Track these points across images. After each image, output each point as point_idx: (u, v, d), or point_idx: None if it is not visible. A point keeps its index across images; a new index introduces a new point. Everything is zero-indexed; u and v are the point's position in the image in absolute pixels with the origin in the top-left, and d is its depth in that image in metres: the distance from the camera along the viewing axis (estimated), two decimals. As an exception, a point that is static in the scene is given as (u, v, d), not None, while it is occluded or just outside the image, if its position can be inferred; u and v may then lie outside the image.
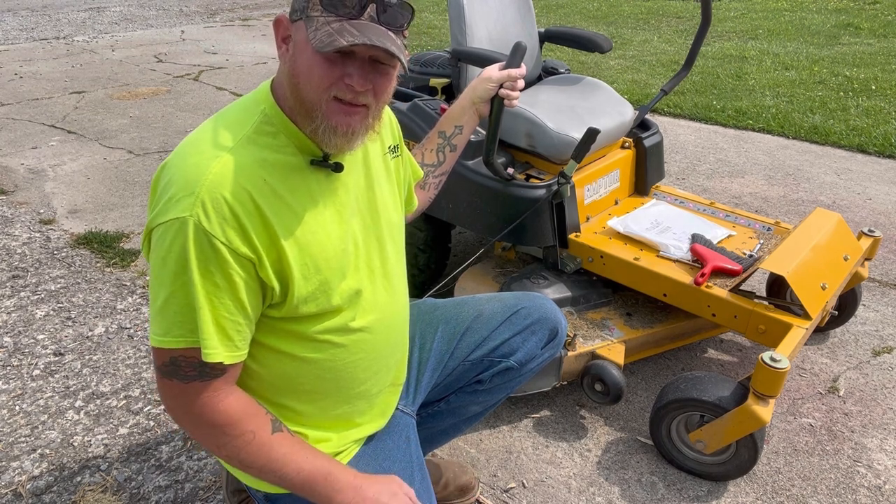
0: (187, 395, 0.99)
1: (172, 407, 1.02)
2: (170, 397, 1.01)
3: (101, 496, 1.71)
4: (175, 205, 0.93)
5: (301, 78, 0.96)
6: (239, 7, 10.41)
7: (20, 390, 2.08)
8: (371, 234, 1.14)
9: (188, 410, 1.00)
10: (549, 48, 6.50)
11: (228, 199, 0.93)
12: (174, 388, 0.99)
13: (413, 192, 1.42)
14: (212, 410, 0.99)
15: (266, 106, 1.02)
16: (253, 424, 1.02)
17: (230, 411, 1.00)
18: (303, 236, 1.01)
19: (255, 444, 1.02)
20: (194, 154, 0.97)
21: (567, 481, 1.75)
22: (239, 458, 1.03)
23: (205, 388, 0.99)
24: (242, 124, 1.00)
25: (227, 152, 0.96)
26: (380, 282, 1.16)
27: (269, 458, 1.03)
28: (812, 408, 2.00)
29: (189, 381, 0.98)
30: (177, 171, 0.96)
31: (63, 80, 5.89)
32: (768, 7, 9.07)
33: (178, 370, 0.98)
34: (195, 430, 1.03)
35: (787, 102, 4.88)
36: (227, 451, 1.02)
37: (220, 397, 1.00)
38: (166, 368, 0.98)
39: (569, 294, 2.05)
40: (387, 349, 1.20)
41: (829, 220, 2.04)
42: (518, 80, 1.47)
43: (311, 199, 1.03)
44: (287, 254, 0.99)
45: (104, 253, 2.91)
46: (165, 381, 0.99)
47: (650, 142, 2.35)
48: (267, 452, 1.03)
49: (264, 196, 0.97)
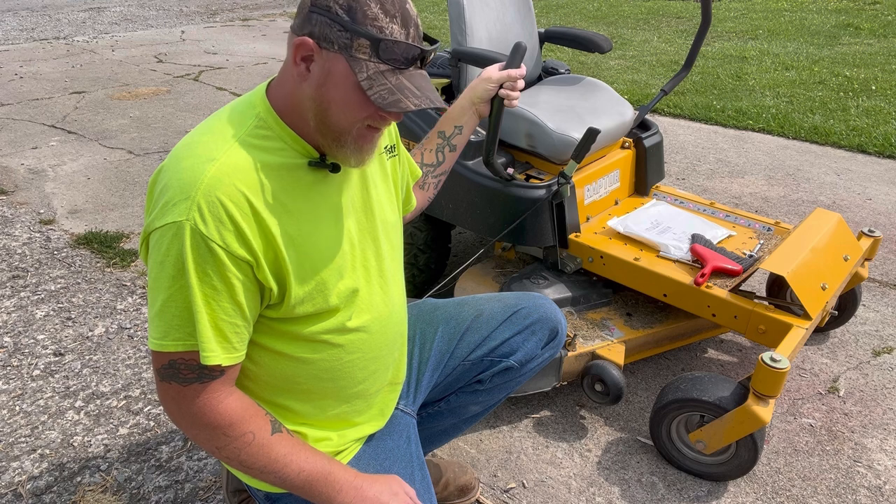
0: (186, 398, 0.99)
1: (172, 410, 1.02)
2: (169, 400, 1.01)
3: (101, 496, 1.71)
4: (171, 209, 0.93)
5: (334, 108, 0.97)
6: (239, 7, 10.41)
7: (20, 390, 2.08)
8: (366, 234, 1.14)
9: (187, 413, 1.00)
10: (549, 48, 6.50)
11: (224, 202, 0.93)
12: (173, 390, 0.99)
13: (411, 191, 1.42)
14: (211, 412, 1.00)
15: (261, 109, 1.02)
16: (252, 425, 1.02)
17: (229, 413, 1.01)
18: (300, 237, 1.01)
19: (255, 445, 1.02)
20: (189, 157, 0.97)
21: (567, 481, 1.75)
22: (239, 459, 1.03)
23: (203, 390, 0.99)
24: (237, 127, 1.00)
25: (223, 155, 0.96)
26: (376, 281, 1.16)
27: (269, 458, 1.03)
28: (812, 408, 2.00)
29: (188, 384, 0.98)
30: (172, 176, 0.96)
31: (63, 80, 5.89)
32: (768, 7, 9.07)
33: (177, 373, 0.98)
34: (195, 433, 1.03)
35: (787, 103, 4.88)
36: (227, 452, 1.02)
37: (219, 399, 1.00)
38: (165, 371, 0.98)
39: (569, 294, 2.05)
40: (384, 348, 1.20)
41: (829, 221, 2.04)
42: (518, 81, 1.47)
43: (307, 199, 1.03)
44: (284, 255, 0.99)
45: (104, 253, 2.91)
46: (164, 384, 0.99)
47: (650, 142, 2.35)
48: (267, 453, 1.03)
49: (260, 198, 0.97)
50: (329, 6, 0.92)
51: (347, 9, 0.92)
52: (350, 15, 0.92)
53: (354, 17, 0.92)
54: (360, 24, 0.92)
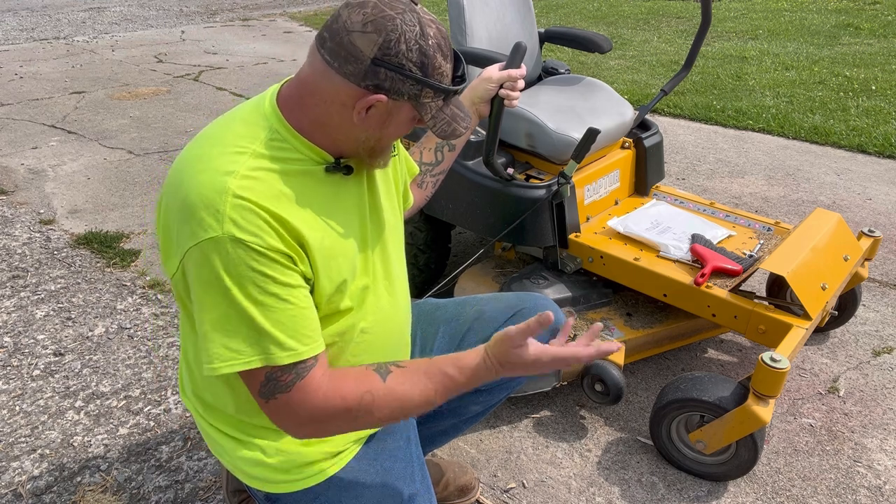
0: (296, 402, 0.98)
1: (292, 423, 1.01)
2: (284, 416, 1.00)
3: (101, 496, 1.71)
4: (201, 225, 0.93)
5: (386, 139, 1.05)
6: (239, 7, 10.41)
7: (20, 390, 2.08)
8: (375, 235, 1.15)
9: (306, 415, 0.99)
10: (549, 48, 6.50)
11: (254, 209, 0.94)
12: (282, 404, 0.98)
13: (409, 189, 1.42)
14: (323, 401, 0.99)
15: (273, 120, 1.03)
16: (364, 385, 1.01)
17: (338, 390, 1.00)
18: (323, 239, 1.03)
19: (378, 400, 1.01)
20: (205, 172, 0.97)
21: (567, 481, 1.75)
22: (377, 419, 1.02)
23: (307, 385, 0.98)
24: (251, 139, 1.01)
25: (241, 167, 0.97)
26: (382, 283, 1.16)
27: (400, 401, 1.02)
28: (812, 408, 2.00)
29: (290, 388, 0.98)
30: (192, 192, 0.96)
31: (63, 80, 5.89)
32: (768, 7, 9.07)
33: (277, 383, 0.97)
34: (323, 427, 1.02)
35: (787, 103, 4.88)
36: (362, 422, 1.02)
37: (321, 385, 0.99)
38: (266, 389, 0.98)
39: (569, 294, 2.05)
40: (388, 350, 1.21)
41: (829, 221, 2.04)
42: (518, 81, 1.47)
43: (325, 203, 1.05)
44: (313, 257, 1.00)
45: (104, 253, 2.91)
46: (271, 402, 0.99)
47: (650, 142, 2.35)
48: (392, 399, 1.02)
49: (283, 205, 0.98)
50: (402, 64, 0.95)
51: (420, 65, 0.96)
52: (423, 70, 0.97)
53: (426, 72, 0.97)
54: (431, 77, 0.98)
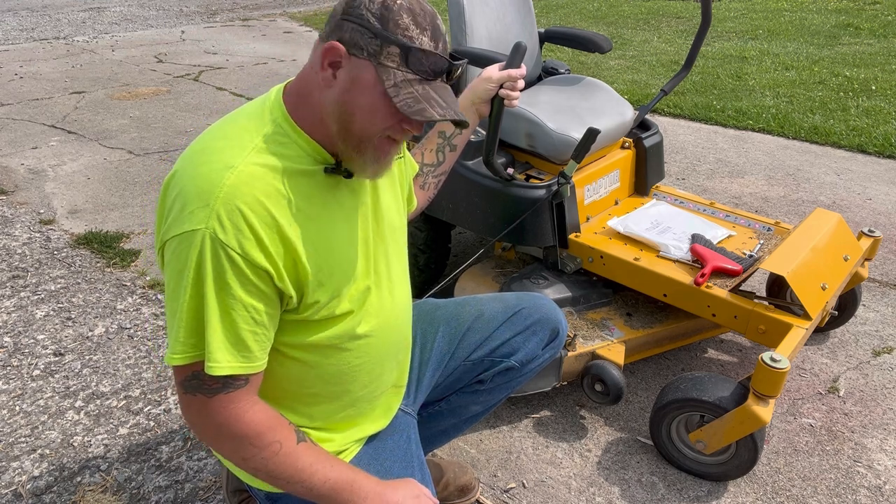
0: (212, 409, 0.98)
1: (196, 422, 1.01)
2: (193, 413, 1.00)
3: (101, 496, 1.71)
4: (189, 217, 0.92)
5: (359, 115, 0.97)
6: (239, 7, 10.41)
7: (20, 390, 2.08)
8: (377, 238, 1.15)
9: (213, 424, 0.99)
10: (549, 48, 6.50)
11: (244, 210, 0.93)
12: (197, 402, 0.98)
13: (413, 190, 1.42)
14: (237, 422, 0.98)
15: (278, 115, 1.01)
16: (279, 435, 1.02)
17: (256, 422, 1.00)
18: (318, 243, 1.02)
19: (282, 454, 1.01)
20: (206, 164, 0.96)
21: (567, 481, 1.75)
22: (267, 469, 1.02)
23: (230, 400, 0.98)
24: (254, 134, 1.00)
25: (241, 163, 0.96)
26: (384, 285, 1.16)
27: (296, 468, 1.02)
28: (812, 408, 2.00)
29: (214, 395, 0.97)
30: (188, 182, 0.95)
31: (63, 80, 5.88)
32: (768, 7, 9.07)
33: (202, 384, 0.97)
34: (220, 445, 1.02)
35: (787, 103, 4.88)
36: (254, 463, 1.01)
37: (244, 408, 0.99)
38: (189, 383, 0.97)
39: (569, 294, 2.05)
40: (390, 353, 1.21)
41: (829, 221, 2.04)
42: (518, 81, 1.47)
43: (324, 205, 1.03)
44: (304, 261, 0.99)
45: (104, 253, 2.91)
46: (188, 396, 0.98)
47: (650, 142, 2.35)
48: (293, 462, 1.02)
49: (279, 205, 0.97)
50: (361, 13, 0.92)
51: (379, 17, 0.92)
52: (382, 23, 0.92)
53: (386, 25, 0.92)
54: (392, 33, 0.93)
